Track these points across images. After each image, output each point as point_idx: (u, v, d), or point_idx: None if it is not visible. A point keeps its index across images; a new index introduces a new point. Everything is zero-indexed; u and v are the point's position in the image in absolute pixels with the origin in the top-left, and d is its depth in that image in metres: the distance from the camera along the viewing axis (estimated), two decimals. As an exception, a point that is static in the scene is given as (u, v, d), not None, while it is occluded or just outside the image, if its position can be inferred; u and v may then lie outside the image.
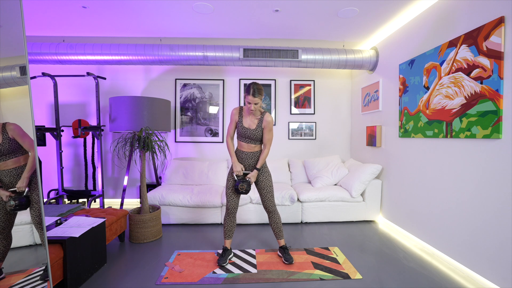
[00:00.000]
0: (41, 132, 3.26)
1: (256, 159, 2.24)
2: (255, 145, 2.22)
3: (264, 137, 2.20)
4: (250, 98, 2.06)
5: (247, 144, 2.21)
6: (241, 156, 2.24)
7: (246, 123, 2.18)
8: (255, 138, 2.18)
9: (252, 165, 2.24)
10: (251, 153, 2.22)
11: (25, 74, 1.32)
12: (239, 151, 2.25)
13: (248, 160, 2.23)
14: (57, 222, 2.03)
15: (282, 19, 2.97)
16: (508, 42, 1.73)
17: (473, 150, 1.97)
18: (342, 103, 4.22)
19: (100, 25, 3.16)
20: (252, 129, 2.17)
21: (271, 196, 2.24)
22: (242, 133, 2.19)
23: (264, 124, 2.17)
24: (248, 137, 2.18)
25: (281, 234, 2.27)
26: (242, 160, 2.24)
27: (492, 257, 1.81)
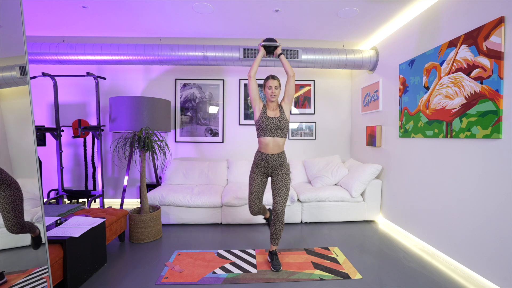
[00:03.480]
0: (41, 132, 3.26)
1: (280, 161, 2.15)
2: (281, 139, 2.12)
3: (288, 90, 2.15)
4: (270, 81, 2.10)
5: (273, 139, 2.10)
6: (265, 158, 2.13)
7: (270, 114, 2.12)
8: (282, 126, 2.10)
9: (275, 166, 2.15)
10: (275, 155, 2.12)
11: (25, 74, 1.32)
12: (262, 154, 2.13)
13: (272, 162, 2.13)
14: (57, 222, 2.03)
15: (282, 19, 2.97)
16: (508, 42, 1.73)
17: (473, 150, 1.97)
18: (342, 103, 4.22)
19: (100, 25, 3.16)
20: (278, 117, 2.10)
21: (285, 200, 2.11)
22: (268, 124, 2.08)
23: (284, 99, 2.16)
24: (276, 127, 2.09)
25: (277, 242, 2.16)
26: (266, 163, 2.14)
27: (492, 257, 1.81)
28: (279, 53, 2.20)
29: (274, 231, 2.14)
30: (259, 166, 2.18)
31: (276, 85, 2.11)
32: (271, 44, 2.16)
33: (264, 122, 2.09)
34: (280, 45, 2.21)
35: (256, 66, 2.12)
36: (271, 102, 2.14)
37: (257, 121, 2.14)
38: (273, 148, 2.12)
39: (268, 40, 2.16)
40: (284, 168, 2.17)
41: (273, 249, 2.18)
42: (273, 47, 2.18)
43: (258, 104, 2.13)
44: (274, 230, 2.14)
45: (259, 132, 2.14)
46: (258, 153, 2.18)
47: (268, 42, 2.16)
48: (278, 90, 2.12)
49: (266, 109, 2.14)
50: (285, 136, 2.15)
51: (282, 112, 2.14)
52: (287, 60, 2.15)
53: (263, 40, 2.18)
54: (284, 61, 2.15)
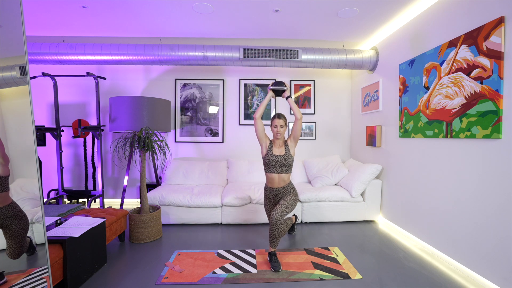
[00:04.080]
0: (41, 132, 3.26)
1: (287, 191, 2.30)
2: (286, 174, 2.27)
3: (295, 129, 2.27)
4: (276, 121, 2.24)
5: (278, 175, 2.26)
6: (272, 192, 2.31)
7: (276, 151, 2.26)
8: (286, 164, 2.25)
9: (282, 195, 2.31)
10: (281, 187, 2.29)
11: (25, 74, 1.32)
12: (270, 188, 2.32)
13: (280, 193, 2.31)
14: (57, 222, 2.03)
15: (282, 19, 2.97)
16: (508, 42, 1.73)
17: (473, 150, 1.97)
18: (342, 103, 4.22)
19: (100, 25, 3.16)
20: (283, 155, 2.24)
21: (285, 208, 2.17)
22: (274, 162, 2.23)
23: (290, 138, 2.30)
24: (280, 165, 2.23)
25: (274, 244, 2.16)
26: (274, 195, 2.32)
27: (492, 257, 1.81)
28: (287, 96, 2.30)
29: (270, 234, 2.16)
30: (269, 199, 2.37)
31: (282, 124, 2.24)
32: (280, 88, 2.29)
33: (270, 160, 2.24)
34: (288, 89, 2.32)
35: (263, 109, 2.26)
36: (277, 140, 2.28)
37: (264, 158, 2.29)
38: (278, 183, 2.28)
39: (277, 84, 2.29)
40: (290, 193, 2.32)
41: (272, 250, 2.19)
42: (281, 90, 2.30)
43: (264, 141, 2.29)
44: (270, 233, 2.16)
45: (265, 168, 2.30)
46: (266, 187, 2.37)
47: (277, 85, 2.29)
48: (284, 128, 2.25)
49: (272, 146, 2.28)
50: (289, 172, 2.31)
51: (287, 149, 2.27)
52: (295, 103, 2.31)
53: (272, 84, 2.29)
54: (292, 104, 2.26)
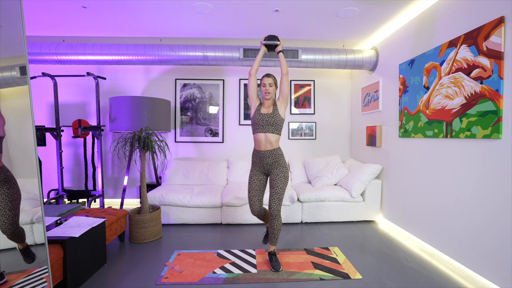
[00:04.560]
0: (41, 132, 3.26)
1: (274, 158, 2.14)
2: (273, 135, 2.12)
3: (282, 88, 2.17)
4: (265, 79, 2.14)
5: (265, 135, 2.11)
6: (259, 155, 2.15)
7: (263, 110, 2.16)
8: (273, 122, 2.11)
9: (270, 163, 2.14)
10: (268, 151, 2.13)
11: (25, 74, 1.32)
12: (256, 151, 2.17)
13: (267, 158, 2.14)
14: (57, 222, 2.03)
15: (282, 19, 2.97)
16: (508, 42, 1.73)
17: (473, 150, 1.97)
18: (342, 103, 4.21)
19: (100, 25, 3.16)
20: (270, 113, 2.12)
21: (278, 199, 2.10)
22: (260, 120, 2.12)
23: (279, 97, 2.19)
24: (267, 123, 2.10)
25: (275, 241, 2.14)
26: (260, 160, 2.15)
27: (492, 257, 1.81)
28: (279, 51, 2.22)
29: (271, 230, 2.13)
30: (256, 164, 2.22)
31: (270, 82, 2.14)
32: (273, 43, 2.20)
33: (256, 118, 2.15)
34: (282, 43, 2.22)
35: (257, 64, 2.17)
36: (266, 100, 2.18)
37: (251, 118, 2.20)
38: (265, 145, 2.14)
39: (270, 38, 2.20)
40: (279, 166, 2.15)
41: (272, 249, 2.17)
42: (274, 45, 2.22)
43: (255, 102, 2.20)
44: (270, 229, 2.13)
45: (253, 129, 2.20)
46: (253, 151, 2.23)
47: (270, 40, 2.19)
48: (273, 87, 2.15)
49: (261, 106, 2.19)
50: (277, 133, 2.15)
51: (276, 109, 2.16)
52: (285, 59, 2.19)
53: (265, 38, 2.20)
54: (282, 59, 2.17)
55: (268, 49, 2.25)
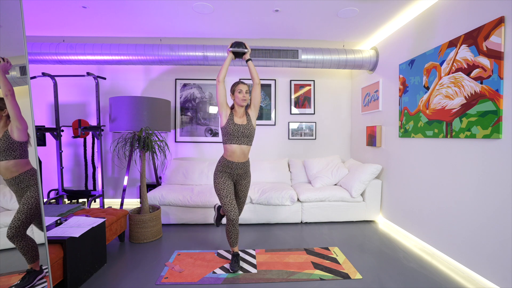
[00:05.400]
0: (41, 132, 3.26)
1: (245, 169, 2.18)
2: (247, 147, 2.13)
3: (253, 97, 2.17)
4: (241, 86, 2.10)
5: (240, 147, 2.09)
6: (231, 166, 2.11)
7: (237, 120, 2.11)
8: (249, 134, 2.11)
9: (241, 174, 2.17)
10: (241, 163, 2.13)
11: (25, 74, 1.32)
12: (229, 162, 2.11)
13: (238, 170, 2.14)
14: (57, 222, 2.03)
15: (282, 19, 2.97)
16: (508, 42, 1.73)
17: (473, 150, 1.97)
18: (342, 103, 4.22)
19: (100, 25, 3.16)
20: (245, 124, 2.10)
21: (242, 208, 2.33)
22: (235, 131, 2.07)
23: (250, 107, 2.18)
24: (242, 135, 2.09)
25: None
26: (232, 170, 2.12)
27: (492, 257, 1.81)
28: (247, 59, 2.19)
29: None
30: (225, 173, 2.14)
31: (247, 89, 2.11)
32: (239, 50, 2.16)
33: (231, 129, 2.07)
34: (249, 51, 2.19)
35: (225, 71, 2.09)
36: (239, 108, 2.13)
37: (224, 128, 2.10)
38: (239, 156, 2.11)
39: (237, 45, 2.15)
40: (247, 176, 2.22)
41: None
42: (241, 53, 2.18)
43: (225, 109, 2.10)
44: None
45: (225, 139, 2.11)
46: (223, 160, 2.13)
47: (237, 47, 2.15)
48: (248, 95, 2.13)
49: (233, 115, 2.11)
50: (251, 144, 2.17)
51: (249, 119, 2.15)
52: (254, 67, 2.17)
53: (231, 45, 2.15)
54: (252, 68, 2.14)
55: (235, 56, 2.20)
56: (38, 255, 1.36)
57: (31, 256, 1.34)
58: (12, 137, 1.25)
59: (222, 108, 2.10)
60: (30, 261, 1.34)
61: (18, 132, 1.27)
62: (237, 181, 2.20)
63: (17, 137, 1.27)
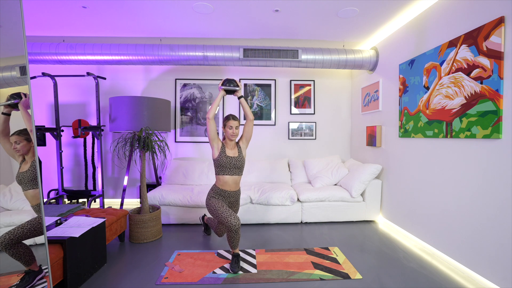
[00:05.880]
0: (41, 132, 3.26)
1: (237, 197, 2.34)
2: (238, 177, 2.28)
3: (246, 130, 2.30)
4: (232, 122, 2.22)
5: (232, 178, 2.24)
6: (224, 194, 2.25)
7: (229, 153, 2.24)
8: (240, 165, 2.25)
9: (233, 202, 2.33)
10: (233, 192, 2.29)
11: (25, 74, 1.32)
12: (222, 191, 2.25)
13: (231, 198, 2.29)
14: (57, 222, 2.03)
15: (282, 19, 2.97)
16: (508, 42, 1.73)
17: (473, 150, 1.97)
18: (342, 103, 4.22)
19: (100, 25, 3.16)
20: (236, 157, 2.24)
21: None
22: (228, 164, 2.20)
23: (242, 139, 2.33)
24: (234, 167, 2.22)
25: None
26: (225, 198, 2.27)
27: (492, 257, 1.81)
28: (239, 96, 2.27)
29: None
30: (223, 200, 2.28)
31: (237, 125, 2.24)
32: (231, 88, 2.25)
33: (224, 161, 2.20)
34: (240, 89, 2.28)
35: (215, 108, 2.23)
36: (230, 141, 2.26)
37: (216, 160, 2.22)
38: (231, 186, 2.26)
39: (228, 81, 2.24)
40: (238, 204, 2.40)
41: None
42: (233, 90, 2.27)
43: (216, 143, 2.23)
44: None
45: (218, 170, 2.24)
46: (216, 189, 2.27)
47: (229, 84, 2.24)
48: (238, 130, 2.25)
49: (225, 148, 2.24)
50: (241, 174, 2.32)
51: (240, 151, 2.28)
52: (247, 104, 2.29)
53: (222, 82, 2.25)
54: (245, 105, 2.26)
55: (227, 93, 2.29)
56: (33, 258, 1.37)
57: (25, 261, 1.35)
58: None
59: (213, 142, 2.23)
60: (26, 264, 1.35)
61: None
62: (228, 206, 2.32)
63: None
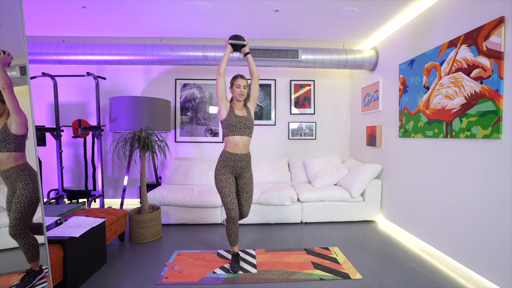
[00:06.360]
0: (41, 132, 3.26)
1: (247, 161, 2.18)
2: (248, 138, 2.14)
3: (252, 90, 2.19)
4: (239, 80, 2.10)
5: (242, 138, 2.10)
6: (234, 158, 2.10)
7: (238, 112, 2.12)
8: (250, 125, 2.13)
9: (244, 166, 2.15)
10: (244, 155, 2.13)
11: (25, 74, 1.32)
12: (231, 154, 2.10)
13: (241, 162, 2.13)
14: (57, 222, 2.03)
15: (282, 19, 2.97)
16: (508, 42, 1.73)
17: (473, 150, 1.97)
18: (342, 103, 4.22)
19: (100, 25, 3.16)
20: (246, 116, 2.13)
21: (251, 203, 2.25)
22: (237, 123, 2.08)
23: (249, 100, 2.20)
24: (244, 126, 2.10)
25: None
26: (235, 163, 2.11)
27: (492, 257, 1.81)
28: (246, 52, 2.19)
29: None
30: (228, 167, 2.11)
31: (245, 84, 2.11)
32: (238, 42, 2.14)
33: (233, 121, 2.08)
34: (248, 44, 2.19)
35: (225, 64, 2.10)
36: (238, 102, 2.14)
37: (225, 120, 2.10)
38: (241, 148, 2.12)
39: (235, 37, 2.13)
40: (250, 169, 2.22)
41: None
42: (240, 45, 2.16)
43: (225, 103, 2.11)
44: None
45: (227, 131, 2.10)
46: (225, 154, 2.11)
47: (236, 39, 2.13)
48: (246, 89, 2.14)
49: (234, 108, 2.14)
50: (251, 136, 2.19)
51: (249, 112, 2.18)
52: (253, 61, 2.16)
53: (230, 38, 2.13)
54: (251, 62, 2.16)
55: (234, 48, 2.19)
56: (38, 254, 1.36)
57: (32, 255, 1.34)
58: (10, 130, 1.24)
59: (221, 101, 2.10)
60: (31, 260, 1.34)
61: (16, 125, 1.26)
62: (240, 174, 2.17)
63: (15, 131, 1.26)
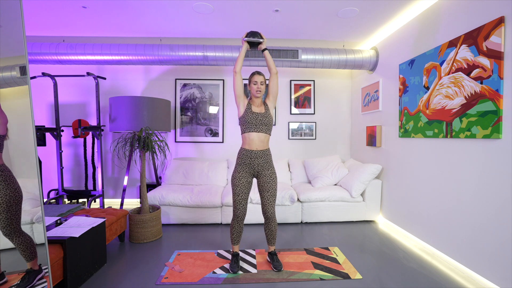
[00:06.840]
0: (41, 132, 3.26)
1: (266, 159, 2.10)
2: (265, 135, 2.09)
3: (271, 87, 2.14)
4: (256, 77, 2.07)
5: (258, 135, 2.05)
6: (250, 155, 2.05)
7: (255, 109, 2.08)
8: (267, 122, 2.08)
9: (262, 164, 2.08)
10: (261, 151, 2.07)
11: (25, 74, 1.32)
12: (247, 151, 2.06)
13: (258, 159, 2.06)
14: (57, 222, 2.03)
15: (282, 19, 2.97)
16: (508, 42, 1.73)
17: (473, 150, 1.97)
18: (342, 103, 4.22)
19: (100, 25, 3.16)
20: (263, 113, 2.08)
21: (274, 201, 2.11)
22: (254, 119, 2.04)
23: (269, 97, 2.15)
24: (261, 123, 2.05)
25: (274, 241, 2.17)
26: (252, 160, 2.05)
27: (492, 257, 1.81)
28: (263, 49, 2.14)
29: (269, 232, 2.14)
30: (244, 165, 2.08)
31: (262, 80, 2.08)
32: (255, 40, 2.11)
33: (249, 117, 2.05)
34: (265, 40, 2.15)
35: (241, 61, 2.08)
36: (256, 98, 2.11)
37: (242, 117, 2.08)
38: (257, 144, 2.06)
39: (252, 34, 2.11)
40: (270, 167, 2.13)
41: (272, 249, 2.18)
42: (257, 42, 2.13)
43: (242, 100, 2.10)
44: (269, 231, 2.14)
45: (244, 128, 2.08)
46: (242, 151, 2.09)
47: (252, 36, 2.10)
48: (264, 86, 2.10)
49: (251, 105, 2.10)
50: (269, 133, 2.13)
51: (267, 108, 2.13)
52: (271, 57, 2.10)
53: (246, 34, 2.10)
54: (268, 58, 2.11)
55: (250, 46, 2.14)
56: (35, 253, 1.36)
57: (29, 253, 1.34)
58: None
59: (239, 99, 2.09)
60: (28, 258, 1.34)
61: None
62: (259, 172, 2.10)
63: None
